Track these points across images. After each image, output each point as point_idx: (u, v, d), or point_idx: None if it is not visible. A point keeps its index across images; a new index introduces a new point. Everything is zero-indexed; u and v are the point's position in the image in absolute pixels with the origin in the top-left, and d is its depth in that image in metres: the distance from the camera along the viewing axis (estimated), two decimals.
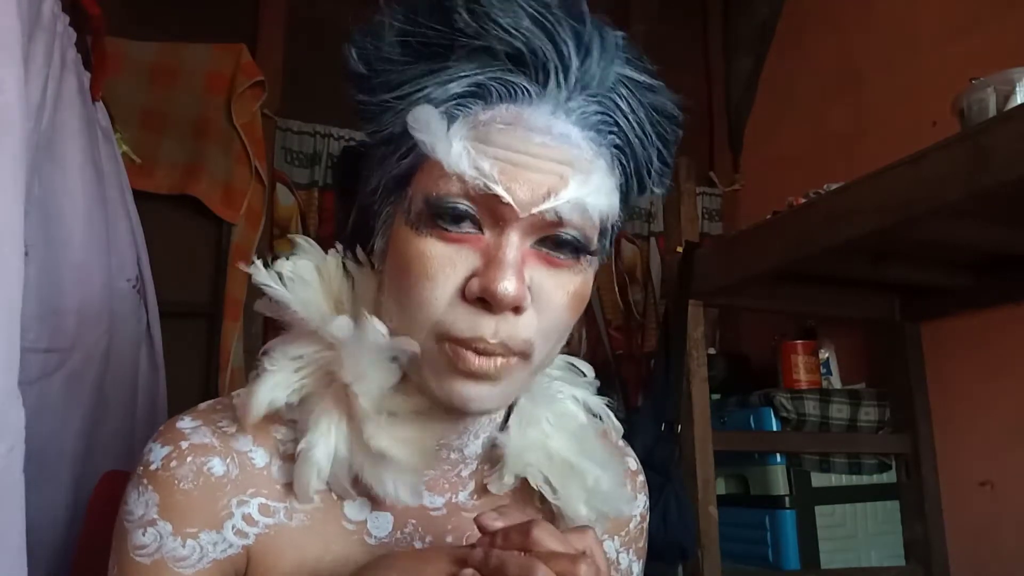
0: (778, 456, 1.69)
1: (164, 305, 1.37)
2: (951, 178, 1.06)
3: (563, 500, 0.63)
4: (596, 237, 0.56)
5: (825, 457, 1.73)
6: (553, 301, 0.54)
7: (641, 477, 0.75)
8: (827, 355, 1.89)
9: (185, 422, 0.58)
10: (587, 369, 0.71)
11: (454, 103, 0.53)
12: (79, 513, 0.95)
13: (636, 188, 0.59)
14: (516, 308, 0.52)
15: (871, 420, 1.76)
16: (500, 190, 0.51)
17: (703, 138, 2.54)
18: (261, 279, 0.57)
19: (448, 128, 0.52)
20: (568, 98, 0.54)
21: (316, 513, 0.59)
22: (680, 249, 1.70)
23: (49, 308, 0.97)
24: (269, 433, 0.59)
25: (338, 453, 0.56)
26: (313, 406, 0.57)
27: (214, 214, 1.85)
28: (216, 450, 0.57)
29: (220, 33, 1.95)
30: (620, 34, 0.55)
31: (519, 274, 0.52)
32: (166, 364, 1.34)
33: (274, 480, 0.58)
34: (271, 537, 0.57)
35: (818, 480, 1.71)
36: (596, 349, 2.19)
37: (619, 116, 0.55)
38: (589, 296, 0.58)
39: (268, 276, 0.58)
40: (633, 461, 0.75)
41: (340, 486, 0.58)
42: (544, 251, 0.54)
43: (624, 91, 0.55)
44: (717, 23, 2.62)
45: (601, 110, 0.55)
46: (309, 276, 0.59)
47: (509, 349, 0.52)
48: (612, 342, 2.23)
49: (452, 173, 0.51)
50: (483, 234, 0.53)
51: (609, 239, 0.61)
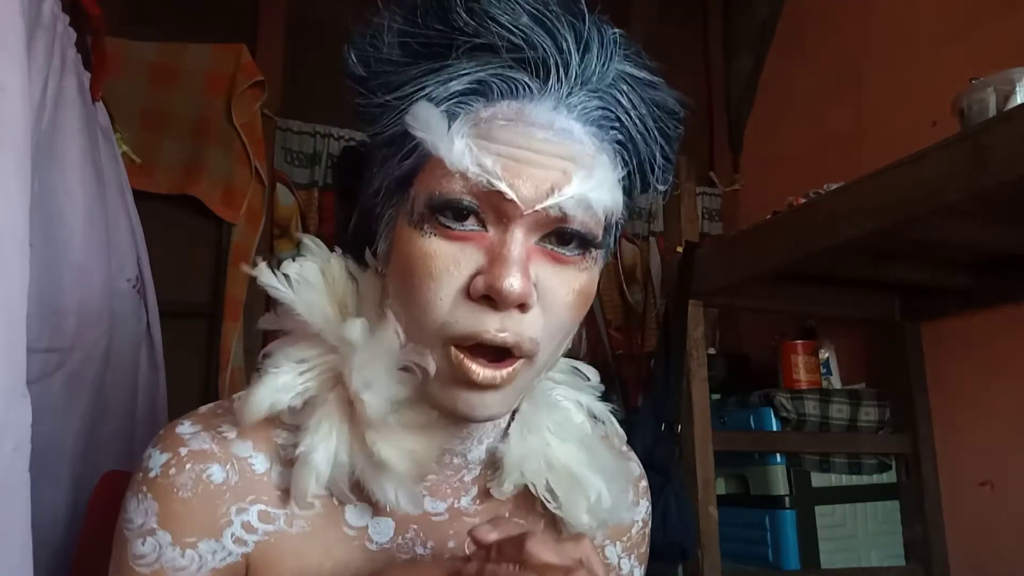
0: (778, 456, 1.69)
1: (164, 305, 1.36)
2: (951, 178, 1.06)
3: (564, 509, 0.63)
4: (601, 233, 0.55)
5: (825, 457, 1.73)
6: (559, 298, 0.54)
7: (644, 483, 0.74)
8: (827, 355, 1.89)
9: (185, 427, 0.57)
10: (591, 373, 0.70)
11: (455, 101, 0.53)
12: (79, 513, 0.95)
13: (639, 185, 0.59)
14: (522, 305, 0.51)
15: (871, 420, 1.76)
16: (503, 186, 0.50)
17: (703, 138, 2.54)
18: (267, 281, 0.57)
19: (449, 126, 0.52)
20: (569, 93, 0.53)
21: (317, 519, 0.58)
22: (680, 249, 1.70)
23: (49, 308, 0.97)
24: (270, 438, 0.58)
25: (338, 458, 0.55)
26: (315, 410, 0.56)
27: (214, 214, 1.85)
28: (215, 456, 0.56)
29: (220, 33, 1.95)
30: (618, 31, 0.55)
31: (524, 270, 0.51)
32: (166, 364, 1.34)
33: (274, 486, 0.57)
34: (271, 544, 0.56)
35: (818, 480, 1.71)
36: (596, 349, 2.19)
37: (621, 112, 0.55)
38: (594, 295, 0.57)
39: (272, 278, 0.57)
40: (636, 466, 0.74)
41: (340, 491, 0.57)
42: (549, 247, 0.54)
43: (625, 87, 0.55)
44: (717, 23, 2.61)
45: (602, 105, 0.54)
46: (314, 278, 0.59)
47: (519, 349, 0.52)
48: (612, 342, 2.23)
49: (455, 171, 0.51)
50: (487, 232, 0.52)
51: (613, 236, 0.60)
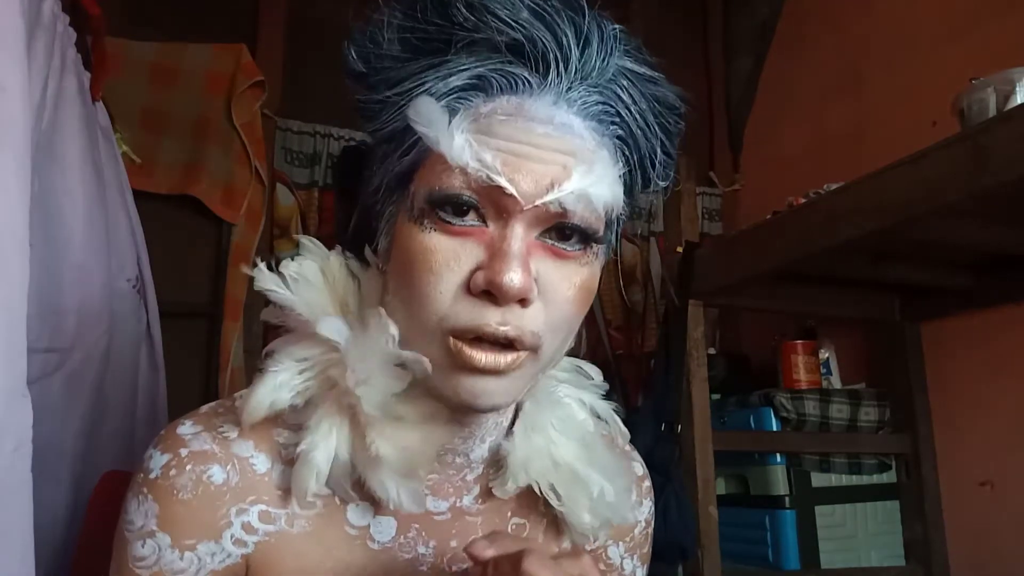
0: (778, 456, 1.69)
1: (164, 305, 1.36)
2: (951, 178, 1.06)
3: (567, 508, 0.63)
4: (601, 228, 0.55)
5: (825, 457, 1.73)
6: (560, 293, 0.54)
7: (647, 482, 0.74)
8: (827, 355, 1.89)
9: (186, 427, 0.57)
10: (595, 372, 0.70)
11: (455, 96, 0.53)
12: (79, 513, 0.95)
13: (640, 180, 0.59)
14: (522, 300, 0.51)
15: (871, 420, 1.76)
16: (503, 181, 0.50)
17: (703, 138, 2.54)
18: (264, 283, 0.57)
19: (450, 121, 0.51)
20: (569, 88, 0.53)
21: (318, 519, 0.58)
22: (680, 249, 1.70)
23: (49, 308, 0.97)
24: (272, 437, 0.58)
25: (339, 456, 0.55)
26: (316, 408, 0.56)
27: (214, 214, 1.85)
28: (216, 457, 0.56)
29: (220, 33, 1.95)
30: (618, 27, 0.55)
31: (525, 265, 0.51)
32: (166, 364, 1.33)
33: (276, 485, 0.57)
34: (271, 544, 0.56)
35: (818, 480, 1.71)
36: (596, 349, 2.19)
37: (621, 107, 0.55)
38: (596, 290, 0.57)
39: (271, 279, 0.57)
40: (639, 466, 0.74)
41: (342, 489, 0.56)
42: (549, 242, 0.53)
43: (625, 82, 0.55)
44: (717, 23, 2.61)
45: (602, 100, 0.54)
46: (313, 277, 0.59)
47: (522, 343, 0.51)
48: (612, 342, 2.23)
49: (455, 166, 0.51)
50: (487, 227, 0.52)
51: (615, 232, 0.60)
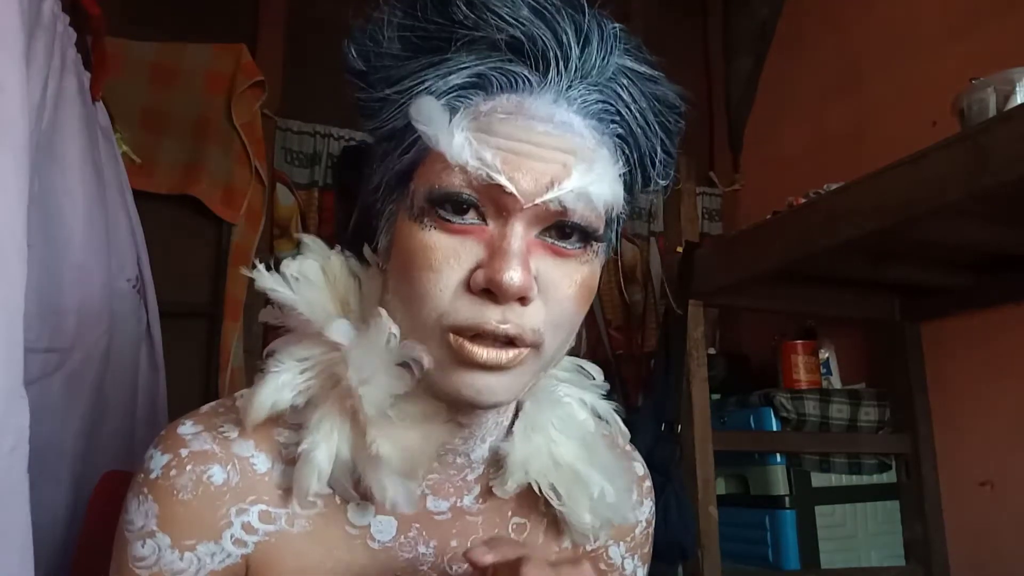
0: (778, 456, 1.70)
1: (164, 305, 1.36)
2: (951, 178, 1.06)
3: (568, 508, 0.62)
4: (601, 226, 0.55)
5: (825, 457, 1.73)
6: (560, 291, 0.53)
7: (648, 482, 0.74)
8: (827, 355, 1.89)
9: (187, 427, 0.57)
10: (596, 372, 0.70)
11: (455, 95, 0.53)
12: (79, 513, 0.95)
13: (640, 179, 0.59)
14: (523, 299, 0.51)
15: (871, 420, 1.76)
16: (503, 180, 0.50)
17: (703, 138, 2.54)
18: (264, 284, 0.57)
19: (450, 120, 0.51)
20: (569, 87, 0.53)
21: (318, 518, 0.58)
22: (680, 249, 1.70)
23: (49, 308, 0.97)
24: (272, 437, 0.57)
25: (340, 455, 0.55)
26: (317, 408, 0.56)
27: (214, 214, 1.85)
28: (217, 457, 0.55)
29: (220, 33, 1.95)
30: (619, 25, 0.55)
31: (525, 264, 0.51)
32: (166, 364, 1.34)
33: (276, 485, 0.57)
34: (271, 544, 0.56)
35: (818, 480, 1.71)
36: (596, 349, 2.19)
37: (621, 106, 0.55)
38: (596, 288, 0.57)
39: (271, 279, 0.57)
40: (640, 466, 0.74)
41: (343, 488, 0.56)
42: (550, 241, 0.53)
43: (625, 81, 0.55)
44: (717, 23, 2.61)
45: (602, 99, 0.54)
46: (315, 276, 0.59)
47: (522, 340, 0.51)
48: (612, 342, 2.23)
49: (455, 164, 0.51)
50: (487, 225, 0.52)
51: (615, 230, 0.60)
